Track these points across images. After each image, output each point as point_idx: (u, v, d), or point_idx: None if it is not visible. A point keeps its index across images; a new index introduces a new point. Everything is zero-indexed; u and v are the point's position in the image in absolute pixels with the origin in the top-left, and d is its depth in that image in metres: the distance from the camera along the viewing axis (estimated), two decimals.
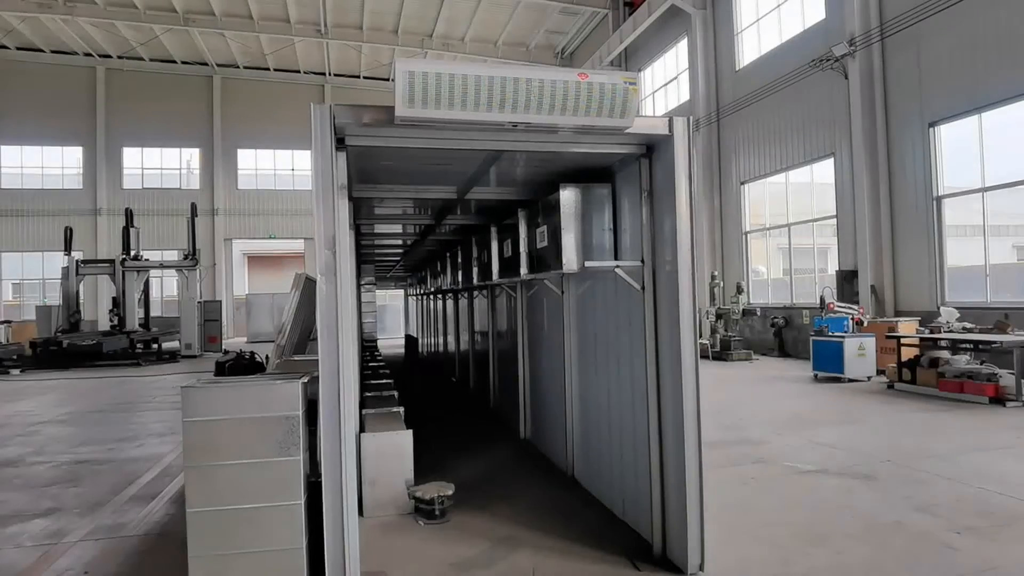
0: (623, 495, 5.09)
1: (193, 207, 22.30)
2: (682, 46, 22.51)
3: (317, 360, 5.48)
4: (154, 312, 23.38)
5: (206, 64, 31.11)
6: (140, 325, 21.01)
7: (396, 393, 7.72)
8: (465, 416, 9.78)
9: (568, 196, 4.85)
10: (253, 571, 3.51)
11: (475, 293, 11.62)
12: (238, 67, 31.56)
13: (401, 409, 6.51)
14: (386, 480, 5.40)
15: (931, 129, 13.05)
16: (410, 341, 20.35)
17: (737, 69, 19.49)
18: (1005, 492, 5.49)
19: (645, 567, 4.23)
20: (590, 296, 5.73)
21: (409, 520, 5.25)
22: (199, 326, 21.40)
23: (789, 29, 17.32)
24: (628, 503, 4.99)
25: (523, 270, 5.92)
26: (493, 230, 7.27)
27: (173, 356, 20.19)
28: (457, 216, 7.65)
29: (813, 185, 17.23)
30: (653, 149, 4.38)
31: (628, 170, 4.76)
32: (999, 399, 9.27)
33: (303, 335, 6.78)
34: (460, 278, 9.90)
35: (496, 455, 7.35)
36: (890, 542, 4.53)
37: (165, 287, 31.37)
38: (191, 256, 21.53)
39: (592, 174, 5.11)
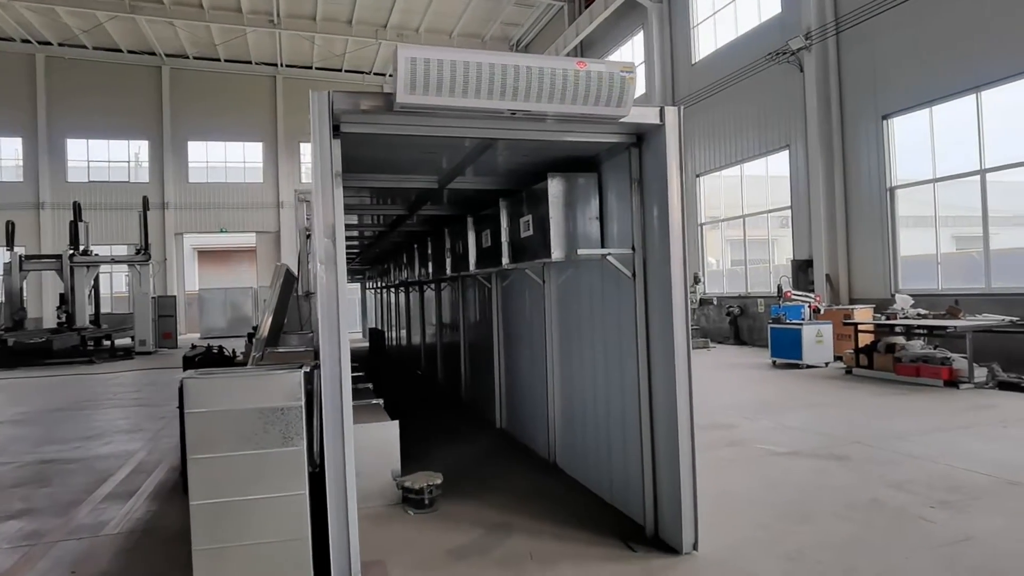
0: (611, 480, 5.17)
1: (145, 200, 21.62)
2: (638, 39, 22.76)
3: (300, 351, 5.43)
4: (103, 309, 22.60)
5: (154, 54, 30.09)
6: (90, 322, 20.30)
7: (371, 385, 7.66)
8: (438, 408, 9.77)
9: (556, 185, 4.89)
10: (258, 562, 3.47)
11: (443, 285, 11.59)
12: (188, 57, 30.61)
13: (381, 401, 6.47)
14: (373, 471, 5.36)
15: (884, 122, 13.52)
16: (375, 335, 20.15)
17: (693, 63, 19.81)
18: (971, 468, 5.77)
19: (639, 548, 4.32)
20: (573, 285, 5.79)
21: (398, 511, 5.24)
22: (153, 322, 20.78)
23: (745, 23, 17.68)
24: (616, 487, 5.07)
25: (505, 260, 5.94)
26: (469, 220, 7.27)
27: (128, 353, 19.58)
28: (432, 207, 7.62)
29: (768, 177, 17.67)
30: (643, 138, 4.44)
31: (615, 159, 4.82)
32: (953, 382, 9.71)
33: (274, 328, 6.67)
34: (430, 270, 9.87)
35: (475, 445, 7.38)
36: (871, 518, 4.72)
37: (114, 283, 30.33)
38: (144, 251, 20.89)
39: (577, 164, 5.15)
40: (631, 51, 23.32)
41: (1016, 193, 12.25)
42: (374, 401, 6.43)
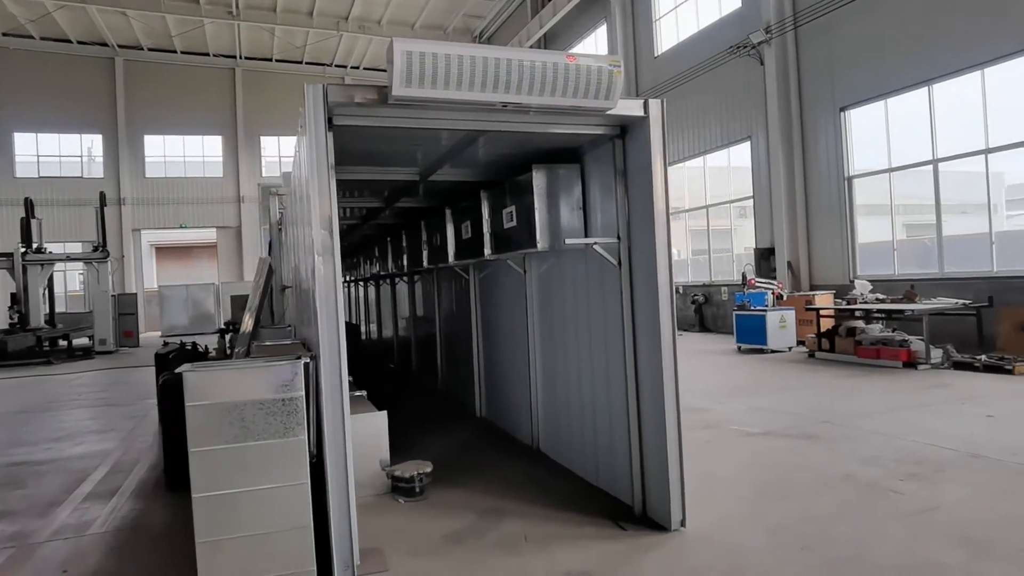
0: (596, 463, 5.31)
1: (102, 196, 21.05)
2: (601, 32, 22.98)
3: (287, 344, 5.44)
4: (58, 308, 21.93)
5: (106, 45, 29.17)
6: (45, 322, 19.70)
7: (352, 378, 7.68)
8: (416, 399, 9.81)
9: (541, 176, 4.98)
10: (261, 553, 3.50)
11: (416, 278, 11.62)
12: (142, 49, 29.74)
13: (364, 392, 6.51)
14: (362, 462, 5.38)
15: (842, 113, 13.96)
16: (351, 329, 19.98)
17: (656, 55, 20.09)
18: (933, 443, 6.07)
19: (629, 526, 4.48)
20: (556, 274, 5.90)
21: (387, 500, 5.30)
22: (114, 321, 20.29)
23: (706, 17, 18.00)
24: (602, 470, 5.22)
25: (487, 251, 6.02)
26: (448, 212, 7.31)
27: (87, 353, 19.09)
28: (408, 199, 7.64)
29: (730, 168, 18.06)
30: (627, 130, 4.57)
31: (598, 151, 4.93)
32: (911, 363, 10.13)
33: (258, 322, 6.65)
34: (404, 262, 9.88)
35: (457, 433, 7.46)
36: (845, 492, 4.96)
37: (68, 282, 29.42)
38: (101, 248, 20.34)
39: (560, 155, 5.26)
40: (594, 44, 23.53)
41: (962, 183, 12.78)
42: (357, 393, 6.46)
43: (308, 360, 3.69)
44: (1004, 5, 10.81)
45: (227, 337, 9.61)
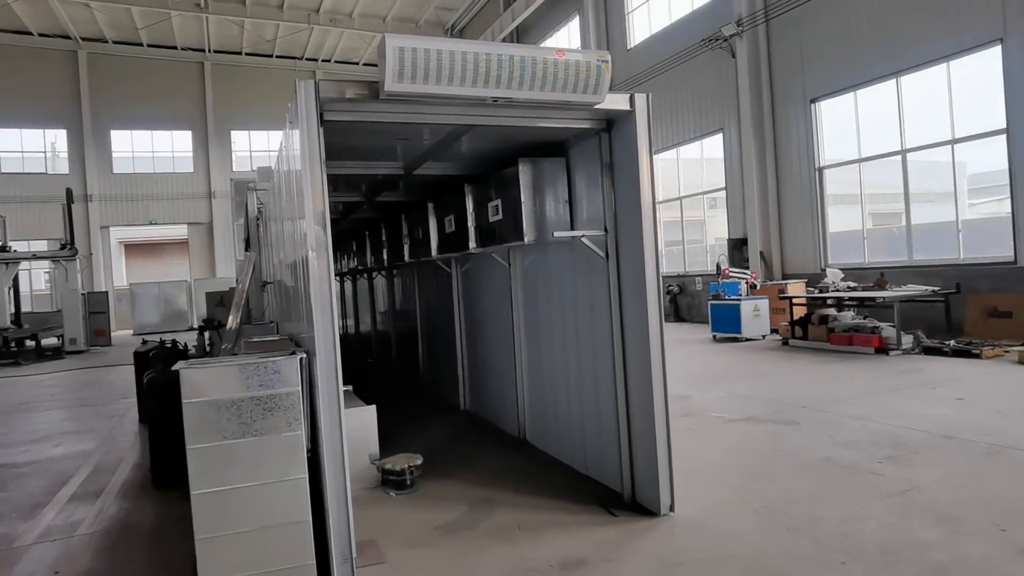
0: (584, 451, 5.40)
1: (68, 193, 20.56)
2: (574, 24, 23.03)
3: (275, 340, 5.43)
4: (24, 308, 21.44)
5: (69, 37, 28.45)
6: (11, 322, 19.25)
7: None
8: (399, 392, 9.83)
9: (527, 170, 5.04)
10: (260, 548, 3.52)
11: (395, 272, 11.60)
12: (107, 41, 29.08)
13: (351, 387, 6.51)
14: (351, 456, 5.39)
15: (812, 105, 14.22)
16: None
17: (629, 48, 20.21)
18: (908, 426, 6.27)
19: (620, 512, 4.57)
20: (541, 266, 5.97)
21: (378, 493, 5.34)
22: (84, 319, 19.90)
23: (678, 10, 18.15)
24: (591, 458, 5.31)
25: (472, 244, 6.05)
26: (430, 206, 7.32)
27: (57, 352, 18.70)
28: (389, 194, 7.64)
29: (703, 160, 18.28)
30: (613, 124, 4.64)
31: (584, 144, 5.00)
32: (883, 349, 10.40)
33: (245, 318, 6.61)
34: (384, 257, 9.85)
35: (442, 426, 7.51)
36: (827, 474, 5.11)
37: (33, 281, 28.72)
38: (69, 245, 19.91)
39: (544, 149, 5.31)
40: (567, 36, 23.58)
41: (926, 172, 13.09)
42: (344, 388, 6.45)
43: (304, 355, 3.70)
44: (968, 1, 11.09)
45: (207, 334, 9.49)
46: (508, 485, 5.30)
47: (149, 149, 30.84)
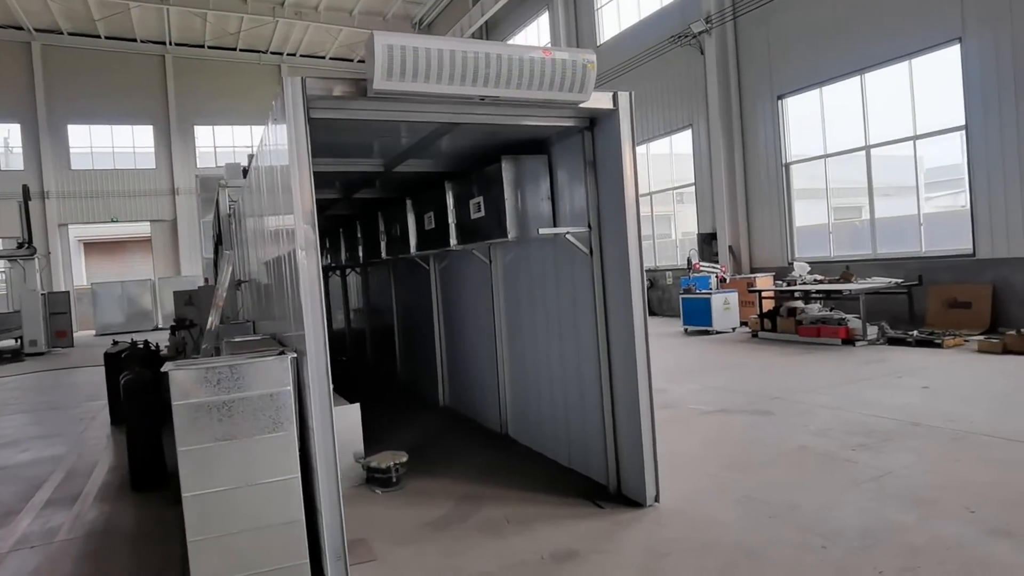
0: (568, 445, 5.47)
1: (25, 189, 19.96)
2: (543, 20, 23.06)
3: (257, 339, 5.38)
4: None
5: (21, 28, 27.55)
6: None
7: None
8: (376, 390, 9.80)
9: (510, 167, 5.07)
10: (254, 548, 3.51)
11: (369, 269, 11.53)
12: (62, 33, 28.23)
13: (331, 386, 6.48)
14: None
15: (779, 101, 14.49)
16: None
17: (598, 44, 20.32)
18: (878, 414, 6.47)
19: (606, 504, 4.65)
20: (523, 263, 6.00)
21: (363, 491, 5.34)
22: (45, 320, 19.38)
23: (648, 6, 18.31)
24: (575, 452, 5.38)
25: (453, 241, 6.07)
26: (408, 203, 7.31)
27: (16, 355, 18.19)
28: (366, 191, 7.59)
29: (672, 155, 18.50)
30: (595, 122, 4.70)
31: (566, 142, 5.05)
32: (850, 340, 10.68)
33: (224, 318, 6.50)
34: (360, 254, 9.80)
35: (422, 422, 7.52)
36: (803, 462, 5.26)
37: None
38: (27, 244, 19.36)
39: (527, 146, 5.34)
40: (536, 32, 23.61)
41: (886, 167, 13.44)
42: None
43: (294, 355, 3.69)
44: (929, 2, 11.41)
45: (180, 334, 9.35)
46: (493, 480, 5.34)
47: (109, 144, 30.06)
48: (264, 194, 5.19)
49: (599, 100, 4.38)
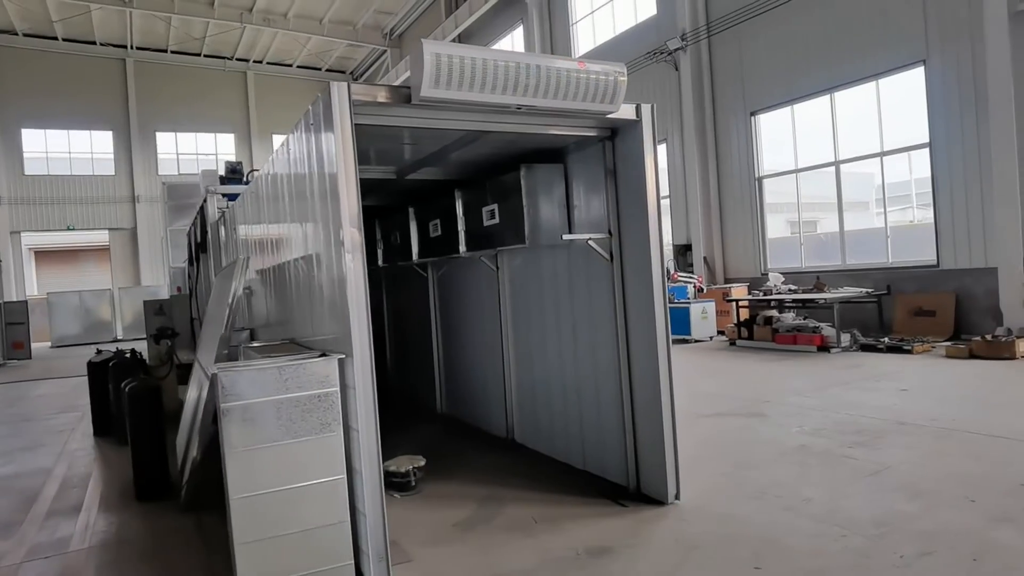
0: (583, 448, 5.58)
1: None
2: (518, 34, 23.35)
3: (275, 344, 5.38)
4: None
5: None
6: None
7: None
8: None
9: (529, 176, 5.20)
10: (301, 550, 3.53)
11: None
12: (16, 34, 27.38)
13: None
14: None
15: (752, 118, 14.99)
16: None
17: (574, 59, 20.63)
18: (866, 414, 6.77)
19: (628, 503, 4.79)
20: (533, 269, 6.12)
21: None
22: (0, 331, 18.71)
23: (622, 23, 18.73)
24: (590, 454, 5.49)
25: (462, 248, 6.16)
26: (411, 211, 7.38)
27: None
28: (372, 198, 7.62)
29: None
30: (616, 132, 4.87)
31: (583, 151, 5.20)
32: (824, 347, 11.09)
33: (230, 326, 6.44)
34: None
35: (423, 429, 7.55)
36: (805, 460, 5.49)
37: None
38: None
39: (542, 155, 5.48)
40: (511, 45, 23.87)
41: (849, 183, 13.99)
42: None
43: (341, 357, 3.74)
44: (895, 25, 11.99)
45: (164, 343, 9.19)
46: (509, 483, 5.42)
47: (66, 150, 29.22)
48: (283, 200, 5.21)
49: (624, 111, 4.55)
